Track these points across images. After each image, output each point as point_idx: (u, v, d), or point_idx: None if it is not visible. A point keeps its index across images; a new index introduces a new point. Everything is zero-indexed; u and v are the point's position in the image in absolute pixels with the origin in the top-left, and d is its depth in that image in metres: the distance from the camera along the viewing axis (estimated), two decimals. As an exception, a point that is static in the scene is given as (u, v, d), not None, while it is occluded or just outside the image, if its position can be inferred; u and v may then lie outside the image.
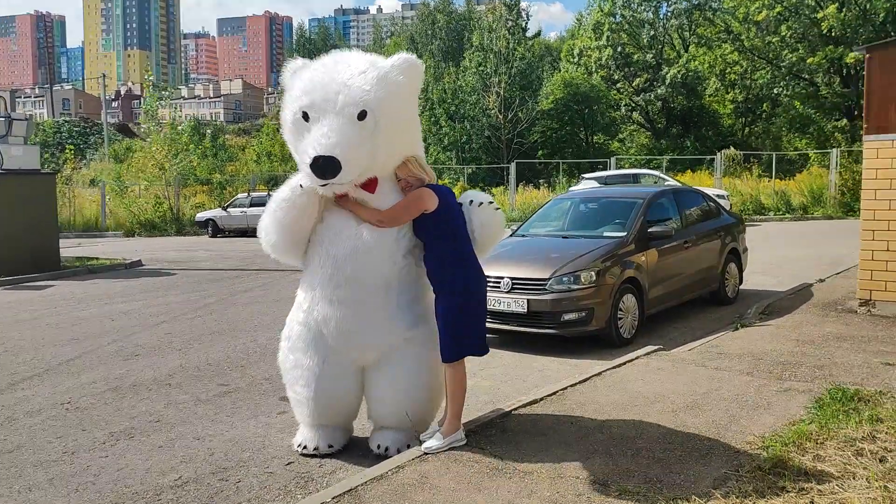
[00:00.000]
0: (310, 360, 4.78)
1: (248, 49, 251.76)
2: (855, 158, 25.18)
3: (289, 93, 4.65)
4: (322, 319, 4.72)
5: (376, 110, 4.39)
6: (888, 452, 4.34)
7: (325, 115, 4.37)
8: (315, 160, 4.25)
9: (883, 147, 8.19)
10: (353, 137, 4.33)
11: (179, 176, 29.85)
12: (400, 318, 4.76)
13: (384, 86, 4.43)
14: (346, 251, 4.60)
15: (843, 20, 39.97)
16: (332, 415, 4.93)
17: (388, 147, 4.55)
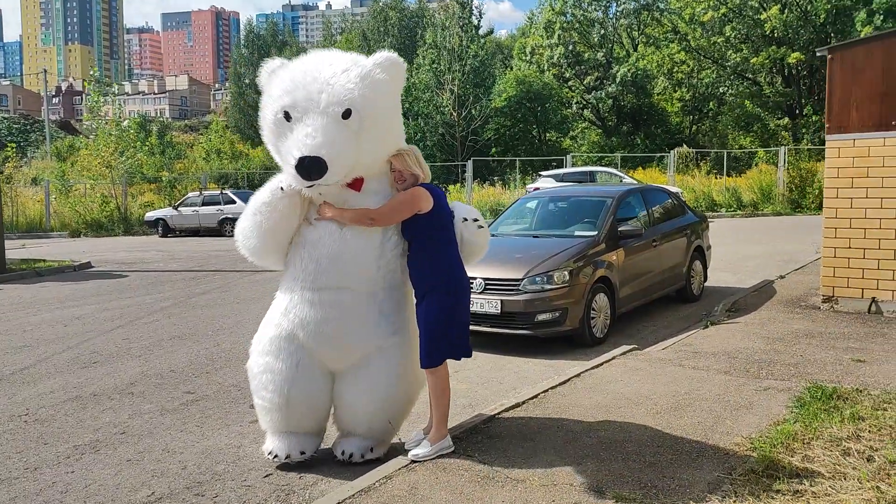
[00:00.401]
0: (282, 364, 4.60)
1: (193, 44, 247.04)
2: (801, 156, 25.86)
3: (268, 93, 4.50)
4: (299, 322, 4.55)
5: (361, 109, 4.28)
6: (875, 451, 4.36)
7: (308, 114, 4.24)
8: (300, 161, 4.12)
9: (844, 146, 8.31)
10: (339, 137, 4.21)
11: (126, 174, 29.04)
12: (381, 325, 4.62)
13: (368, 84, 4.32)
14: (330, 254, 4.46)
15: (785, 21, 41.00)
16: (304, 421, 4.75)
17: (373, 146, 4.43)
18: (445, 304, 4.50)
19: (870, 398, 5.29)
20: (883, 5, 38.69)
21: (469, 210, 4.80)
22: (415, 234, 4.54)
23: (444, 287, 4.50)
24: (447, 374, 4.68)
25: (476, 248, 4.80)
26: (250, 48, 74.86)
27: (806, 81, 44.69)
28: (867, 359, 6.50)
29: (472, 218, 4.70)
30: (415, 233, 4.53)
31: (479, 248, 4.84)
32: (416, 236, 4.54)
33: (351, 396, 4.67)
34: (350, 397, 4.67)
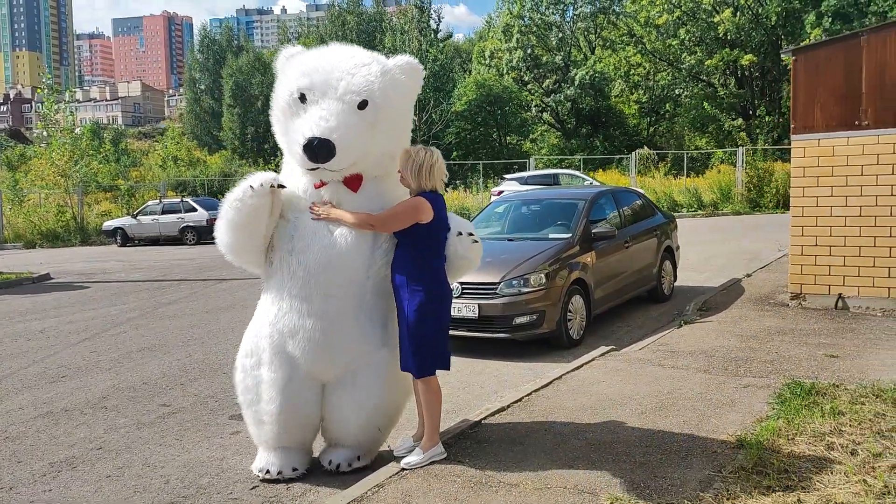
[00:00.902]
0: (274, 375, 4.50)
1: (145, 50, 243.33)
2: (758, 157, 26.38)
3: (284, 75, 4.49)
4: (289, 331, 4.46)
5: (378, 102, 4.27)
6: (857, 445, 4.45)
7: (324, 98, 4.22)
8: (309, 141, 4.08)
9: (809, 146, 8.50)
10: (353, 125, 4.18)
11: (82, 183, 28.42)
12: (370, 334, 4.57)
13: (388, 81, 4.34)
14: (320, 260, 4.38)
15: (738, 24, 41.87)
16: (296, 434, 4.68)
17: (383, 143, 4.41)
18: (437, 313, 4.47)
19: (847, 393, 5.40)
20: (831, 8, 39.77)
21: (465, 224, 4.74)
22: (407, 241, 4.47)
23: (435, 295, 4.46)
24: (438, 383, 4.65)
25: (468, 263, 4.77)
26: (205, 53, 73.91)
27: (758, 83, 45.70)
28: (839, 354, 6.63)
29: (466, 232, 4.65)
30: (408, 240, 4.47)
31: (471, 263, 4.80)
32: (409, 243, 4.47)
33: (341, 408, 4.59)
34: (340, 409, 4.60)
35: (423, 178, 4.46)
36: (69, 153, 27.08)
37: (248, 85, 60.58)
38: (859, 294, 8.36)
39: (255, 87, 60.57)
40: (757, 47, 43.05)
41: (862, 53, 8.13)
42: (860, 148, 8.19)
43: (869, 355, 6.58)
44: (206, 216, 24.08)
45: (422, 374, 4.50)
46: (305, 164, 4.24)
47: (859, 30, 8.33)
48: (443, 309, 4.55)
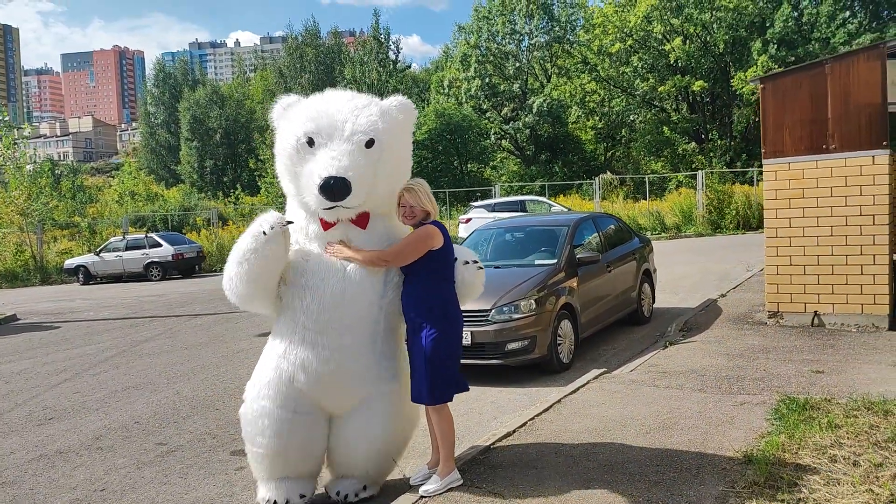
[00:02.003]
0: (280, 410, 4.51)
1: (96, 85, 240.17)
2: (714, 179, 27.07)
3: (287, 123, 4.57)
4: (300, 364, 4.49)
5: (382, 141, 4.42)
6: (858, 456, 4.62)
7: (332, 140, 4.34)
8: (326, 181, 4.18)
9: (780, 169, 8.81)
10: (362, 163, 4.31)
11: (41, 221, 27.88)
12: (381, 368, 4.64)
13: (388, 120, 4.50)
14: (335, 294, 4.45)
15: (688, 52, 43.06)
16: (301, 466, 4.69)
17: (387, 180, 4.53)
18: (452, 338, 4.56)
19: (839, 407, 5.60)
20: (776, 35, 41.22)
21: (469, 253, 4.92)
22: (420, 269, 4.56)
23: (449, 321, 4.55)
24: (449, 410, 4.72)
25: (473, 290, 4.90)
26: (161, 87, 73.29)
27: (709, 108, 46.96)
28: (824, 370, 6.86)
29: (472, 260, 4.82)
30: (420, 268, 4.56)
31: (476, 290, 4.94)
32: (421, 271, 4.56)
33: (349, 440, 4.64)
34: (348, 441, 4.64)
35: (434, 205, 4.62)
36: (27, 191, 26.57)
37: (205, 118, 60.20)
38: (834, 311, 8.64)
39: (212, 121, 60.21)
40: (707, 74, 44.32)
41: (827, 81, 8.50)
42: (829, 171, 8.52)
43: (852, 370, 6.82)
44: (171, 251, 23.83)
45: (436, 401, 4.57)
46: (322, 204, 4.31)
47: (823, 59, 8.71)
48: (456, 334, 4.65)
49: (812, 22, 41.92)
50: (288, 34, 57.95)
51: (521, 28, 49.38)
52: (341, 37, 62.64)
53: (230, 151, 60.23)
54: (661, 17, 43.33)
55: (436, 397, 4.55)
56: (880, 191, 8.29)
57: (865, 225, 8.38)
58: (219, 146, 60.01)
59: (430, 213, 4.62)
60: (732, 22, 42.10)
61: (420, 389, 4.59)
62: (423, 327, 4.54)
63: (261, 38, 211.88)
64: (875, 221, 8.33)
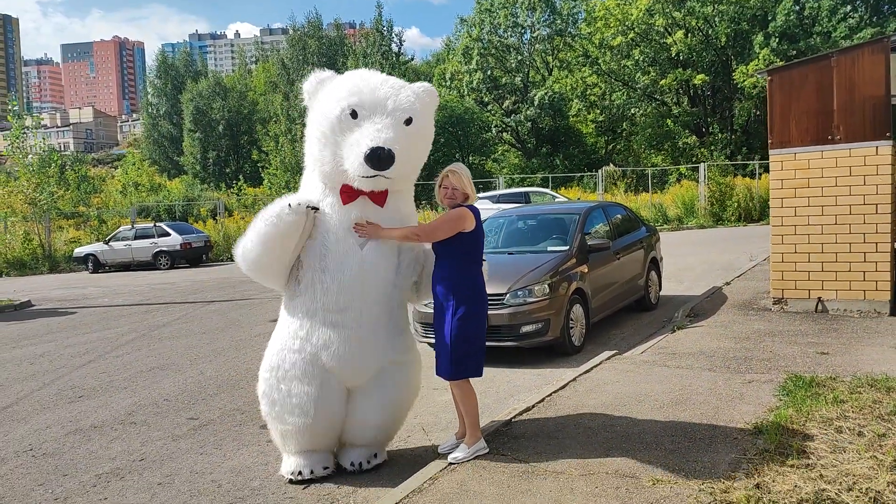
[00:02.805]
0: (308, 387, 4.77)
1: (96, 75, 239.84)
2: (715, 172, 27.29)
3: (326, 95, 4.77)
4: (322, 344, 4.76)
5: (418, 120, 4.71)
6: (863, 427, 4.90)
7: (376, 113, 4.58)
8: (374, 150, 4.41)
9: (786, 160, 9.07)
10: (404, 138, 4.57)
11: (51, 210, 28.13)
12: (397, 341, 4.96)
13: (421, 101, 4.78)
14: (353, 274, 4.71)
15: (690, 45, 43.21)
16: (326, 439, 4.99)
17: (416, 158, 4.83)
18: (479, 318, 4.86)
19: (844, 384, 5.88)
20: (778, 29, 41.39)
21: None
22: (451, 251, 4.83)
23: (477, 301, 4.84)
24: (470, 383, 4.99)
25: None
26: (163, 78, 73.37)
27: (710, 101, 47.12)
28: (829, 351, 7.14)
29: None
30: (453, 249, 4.82)
31: None
32: (454, 253, 4.83)
33: (364, 410, 4.92)
34: (363, 411, 4.92)
35: (473, 190, 4.89)
36: (36, 180, 26.81)
37: (208, 109, 60.36)
38: (837, 297, 8.92)
39: (215, 112, 60.36)
40: (708, 67, 44.47)
41: (833, 73, 8.75)
42: (834, 161, 8.78)
43: (855, 352, 7.10)
44: (179, 241, 24.10)
45: (462, 374, 4.85)
46: (365, 172, 4.51)
47: (829, 52, 8.96)
48: (483, 314, 4.93)
49: (814, 16, 42.09)
50: (290, 25, 58.05)
51: (523, 21, 49.52)
52: (343, 29, 62.71)
53: (233, 143, 60.47)
54: (662, 10, 43.46)
55: (459, 372, 4.83)
56: (883, 181, 8.55)
57: (868, 214, 8.64)
58: (221, 137, 60.19)
59: (468, 196, 4.88)
60: (734, 15, 42.22)
61: (444, 365, 4.87)
62: (452, 306, 4.82)
63: (261, 29, 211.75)
64: (878, 210, 8.60)
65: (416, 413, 6.37)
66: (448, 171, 4.89)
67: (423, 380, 7.25)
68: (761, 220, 25.05)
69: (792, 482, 4.13)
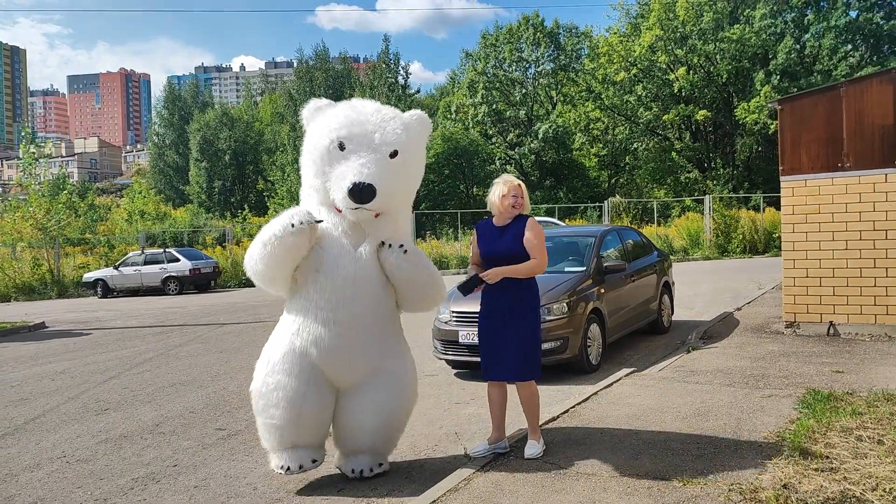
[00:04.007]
0: (295, 381, 4.91)
1: (101, 106, 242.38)
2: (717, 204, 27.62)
3: (319, 124, 4.99)
4: (312, 339, 4.90)
5: (405, 152, 4.90)
6: (882, 436, 5.06)
7: (362, 148, 4.78)
8: (355, 185, 4.61)
9: (797, 186, 9.31)
10: (387, 172, 4.75)
11: (59, 237, 28.38)
12: (387, 344, 5.09)
13: (409, 133, 4.97)
14: (347, 275, 4.87)
15: (692, 81, 43.85)
16: (311, 435, 5.10)
17: (405, 186, 5.06)
18: (538, 325, 5.19)
19: (860, 399, 6.04)
20: (779, 67, 42.01)
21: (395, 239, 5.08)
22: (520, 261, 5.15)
23: (538, 307, 5.18)
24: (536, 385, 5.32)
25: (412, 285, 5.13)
26: (170, 109, 74.24)
27: (712, 137, 47.67)
28: (844, 370, 7.31)
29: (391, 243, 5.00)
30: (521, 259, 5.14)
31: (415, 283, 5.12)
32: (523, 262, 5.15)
33: (358, 414, 5.04)
34: (357, 415, 5.04)
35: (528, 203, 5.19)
36: (46, 206, 27.09)
37: (215, 139, 61.00)
38: (849, 321, 9.09)
39: (222, 142, 60.99)
40: (710, 103, 45.09)
41: (842, 103, 9.03)
42: (844, 187, 9.02)
43: (869, 371, 7.26)
44: (188, 266, 24.32)
45: (533, 376, 5.19)
46: (349, 205, 4.74)
47: (838, 82, 9.25)
48: (539, 321, 5.27)
49: (814, 55, 42.75)
50: (298, 58, 58.92)
51: (527, 56, 50.32)
52: (349, 62, 63.59)
53: (238, 172, 61.01)
54: (665, 47, 44.16)
55: (530, 374, 5.17)
56: (892, 207, 8.78)
57: (878, 239, 8.85)
58: (227, 167, 60.74)
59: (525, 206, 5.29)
60: (736, 53, 42.88)
61: (512, 368, 5.15)
62: (519, 313, 5.12)
63: (265, 62, 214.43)
64: (888, 236, 8.81)
65: (441, 424, 6.56)
66: (518, 182, 5.23)
67: (445, 393, 7.49)
68: (766, 253, 25.30)
69: (818, 483, 4.28)
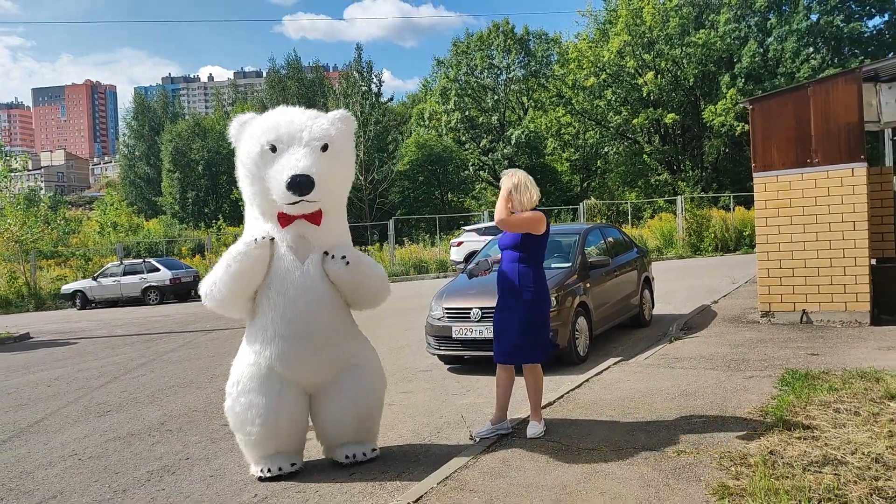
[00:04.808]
0: (265, 399, 5.16)
1: (67, 119, 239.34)
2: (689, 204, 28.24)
3: (247, 135, 5.22)
4: (276, 356, 5.13)
5: (335, 145, 5.11)
6: (858, 408, 5.44)
7: (292, 145, 5.02)
8: (293, 178, 4.84)
9: (769, 182, 9.75)
10: (320, 164, 4.98)
11: (33, 250, 28.21)
12: (346, 344, 5.32)
13: (336, 128, 5.21)
14: (298, 286, 5.11)
15: (660, 86, 44.69)
16: (290, 442, 5.37)
17: (340, 180, 5.28)
18: (544, 310, 5.51)
19: (836, 377, 6.43)
20: (744, 70, 43.00)
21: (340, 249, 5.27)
22: (528, 250, 5.48)
23: (542, 295, 5.48)
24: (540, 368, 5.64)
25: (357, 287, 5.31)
26: (140, 120, 73.72)
27: (680, 140, 48.55)
28: (819, 353, 7.72)
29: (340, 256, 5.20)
30: (529, 248, 5.48)
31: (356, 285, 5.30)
32: (529, 251, 5.48)
33: (335, 412, 5.29)
34: (333, 413, 5.30)
35: (524, 196, 5.44)
36: (22, 219, 26.94)
37: (187, 150, 60.73)
38: (820, 309, 9.53)
39: (194, 152, 60.75)
40: (678, 106, 45.97)
41: (809, 102, 9.49)
42: (813, 182, 9.47)
43: (842, 353, 7.68)
44: (169, 276, 24.33)
45: (539, 358, 5.50)
46: (289, 199, 4.96)
47: (806, 82, 9.71)
48: (547, 307, 5.57)
49: (778, 57, 43.75)
50: (270, 67, 58.99)
51: (498, 62, 50.90)
52: (321, 71, 63.72)
53: (212, 182, 60.75)
54: (633, 52, 44.96)
55: (537, 357, 5.47)
56: (859, 200, 9.24)
57: (847, 231, 9.31)
58: (201, 177, 60.44)
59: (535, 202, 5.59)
60: (702, 57, 43.79)
61: (516, 351, 5.46)
62: (522, 299, 5.43)
63: (234, 72, 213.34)
64: (855, 227, 9.27)
65: (441, 414, 6.84)
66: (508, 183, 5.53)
67: (441, 387, 7.79)
68: (738, 250, 25.93)
69: (801, 449, 4.64)
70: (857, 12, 43.39)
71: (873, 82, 9.74)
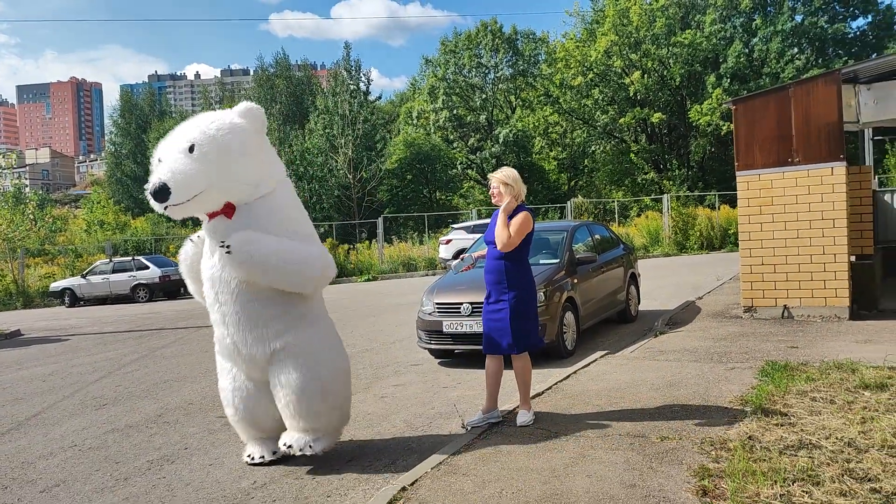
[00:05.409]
0: (226, 382, 5.60)
1: (52, 116, 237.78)
2: (674, 202, 28.59)
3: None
4: (220, 343, 5.48)
5: (203, 144, 5.07)
6: (833, 397, 5.68)
7: (169, 154, 5.11)
8: (150, 191, 4.96)
9: (752, 180, 10.00)
10: (183, 165, 4.99)
11: (20, 248, 28.16)
12: (273, 330, 5.31)
13: (217, 126, 5.17)
14: (213, 278, 5.32)
15: (647, 85, 45.06)
16: (257, 428, 5.61)
17: (227, 175, 5.13)
18: (532, 303, 5.71)
19: (814, 368, 6.67)
20: (729, 70, 43.46)
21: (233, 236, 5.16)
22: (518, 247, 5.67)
23: (531, 286, 5.72)
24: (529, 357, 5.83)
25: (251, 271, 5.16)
26: (126, 118, 73.43)
27: (667, 139, 48.95)
28: (798, 346, 7.98)
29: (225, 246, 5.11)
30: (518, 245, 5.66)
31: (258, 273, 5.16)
32: (518, 248, 5.66)
33: (277, 398, 5.40)
34: (275, 400, 5.44)
35: (521, 186, 5.68)
36: (10, 217, 26.89)
37: (174, 148, 60.31)
38: (801, 304, 9.79)
39: (181, 150, 60.31)
40: (664, 106, 46.37)
41: (790, 103, 9.74)
42: (794, 181, 9.73)
43: (821, 346, 7.93)
44: (158, 273, 24.39)
45: (520, 350, 5.68)
46: (159, 209, 5.08)
47: (788, 83, 9.97)
48: (533, 299, 5.78)
49: (763, 58, 44.24)
50: (258, 65, 58.93)
51: (486, 61, 51.09)
52: (310, 69, 63.70)
53: (199, 181, 60.35)
54: (620, 52, 45.28)
55: (520, 347, 5.65)
56: (839, 198, 9.50)
57: (827, 228, 9.57)
58: (188, 175, 60.08)
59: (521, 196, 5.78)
60: (688, 57, 44.19)
61: (506, 342, 5.64)
62: (509, 292, 5.63)
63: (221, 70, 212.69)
64: (835, 225, 9.53)
65: (433, 405, 7.03)
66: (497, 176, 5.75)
67: (432, 380, 7.97)
68: (723, 248, 26.28)
69: (778, 434, 4.87)
70: (841, 13, 43.89)
71: (852, 84, 10.01)
